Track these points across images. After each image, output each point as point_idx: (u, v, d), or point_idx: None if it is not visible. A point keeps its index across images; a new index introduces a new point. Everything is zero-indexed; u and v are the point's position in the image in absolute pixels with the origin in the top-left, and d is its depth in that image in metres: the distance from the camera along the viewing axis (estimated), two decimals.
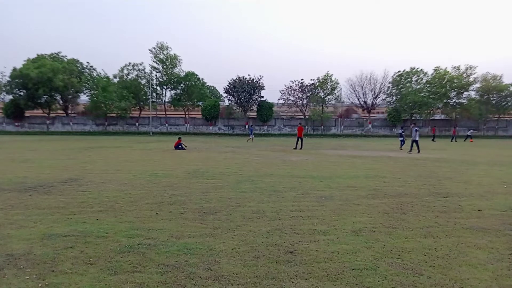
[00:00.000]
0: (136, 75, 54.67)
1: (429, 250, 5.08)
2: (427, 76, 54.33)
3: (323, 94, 54.05)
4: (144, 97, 54.79)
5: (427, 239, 5.62)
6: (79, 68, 55.24)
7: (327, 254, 4.88)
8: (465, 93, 53.41)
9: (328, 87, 53.81)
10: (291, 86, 54.04)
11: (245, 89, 51.13)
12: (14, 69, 49.33)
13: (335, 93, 55.32)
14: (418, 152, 22.67)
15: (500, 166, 15.81)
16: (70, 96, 54.70)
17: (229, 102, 54.30)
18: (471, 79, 52.80)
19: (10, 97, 51.98)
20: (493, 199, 8.67)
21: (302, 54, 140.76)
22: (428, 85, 53.31)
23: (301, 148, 24.88)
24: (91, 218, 6.61)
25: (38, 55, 52.56)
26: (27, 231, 5.77)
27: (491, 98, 52.39)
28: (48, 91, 49.11)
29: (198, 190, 9.33)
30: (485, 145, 32.76)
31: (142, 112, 56.20)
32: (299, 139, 25.73)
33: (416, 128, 23.86)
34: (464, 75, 52.94)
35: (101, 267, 4.38)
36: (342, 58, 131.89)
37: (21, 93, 50.18)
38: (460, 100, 53.57)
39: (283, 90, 54.35)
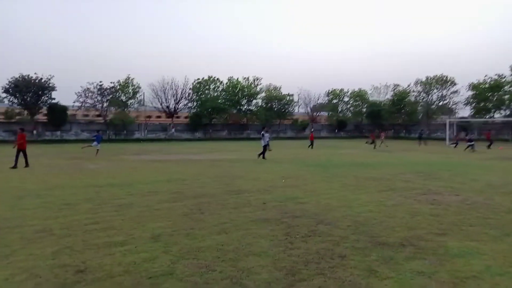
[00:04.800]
0: None
1: (222, 246, 5.49)
2: (223, 85, 59.42)
3: (124, 98, 52.01)
4: None
5: (221, 235, 6.07)
6: None
7: (123, 266, 4.65)
8: (254, 101, 61.02)
9: (130, 91, 52.19)
10: (88, 88, 49.80)
11: (31, 90, 44.18)
12: None
13: (137, 97, 54.07)
14: (262, 157, 21.08)
15: (281, 163, 18.60)
16: None
17: (10, 103, 45.83)
18: (258, 88, 60.77)
19: None
20: (274, 193, 10.10)
21: (97, 56, 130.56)
22: (224, 93, 58.36)
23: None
24: None
25: None
26: None
27: (274, 106, 61.47)
28: None
29: None
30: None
31: None
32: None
33: (266, 133, 22.07)
34: (252, 85, 60.35)
35: None
36: (145, 63, 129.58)
37: None
38: (249, 107, 60.77)
39: (79, 92, 49.58)
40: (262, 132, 22.62)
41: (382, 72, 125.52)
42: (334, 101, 68.13)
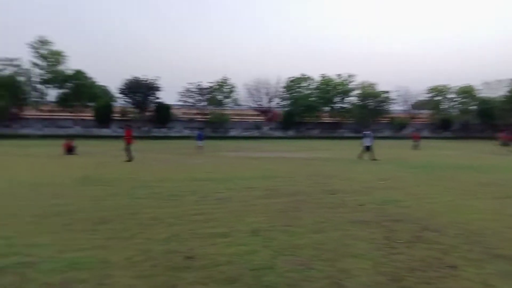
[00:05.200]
0: (15, 72, 48.31)
1: (319, 245, 5.46)
2: (316, 82, 58.85)
3: (221, 97, 54.84)
4: (23, 96, 48.76)
5: (318, 234, 6.03)
6: None
7: (226, 256, 4.92)
8: (348, 98, 59.24)
9: (226, 90, 54.84)
10: (189, 89, 53.66)
11: (140, 90, 49.16)
12: None
13: (233, 96, 56.56)
14: (370, 158, 19.94)
15: (378, 163, 17.81)
16: None
17: (125, 103, 51.67)
18: (352, 86, 58.87)
19: None
20: (371, 194, 9.71)
21: (198, 56, 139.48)
22: (317, 91, 57.75)
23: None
24: None
25: None
26: None
27: (368, 103, 58.98)
28: None
29: (89, 198, 8.63)
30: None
31: (22, 113, 49.90)
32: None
33: (369, 133, 21.56)
34: (345, 82, 58.71)
35: None
36: (241, 63, 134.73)
37: None
38: (342, 105, 59.18)
39: (181, 92, 53.74)
40: (365, 132, 21.88)
41: (488, 67, 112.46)
42: (437, 98, 62.83)
